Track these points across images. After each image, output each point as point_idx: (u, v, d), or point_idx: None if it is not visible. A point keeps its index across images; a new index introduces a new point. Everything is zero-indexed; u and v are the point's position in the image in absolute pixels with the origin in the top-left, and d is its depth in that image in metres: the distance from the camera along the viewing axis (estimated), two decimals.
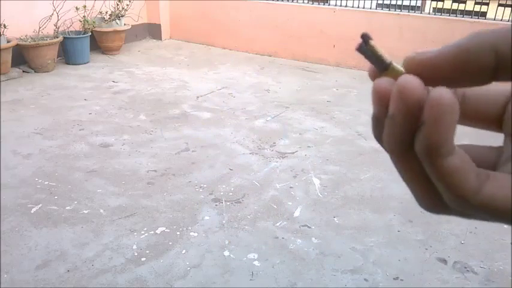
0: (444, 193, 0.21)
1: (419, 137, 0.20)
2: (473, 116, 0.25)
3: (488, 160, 0.24)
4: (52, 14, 4.76)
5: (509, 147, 0.24)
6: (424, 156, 0.20)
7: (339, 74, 5.04)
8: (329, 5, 5.45)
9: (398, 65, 0.23)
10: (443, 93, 0.19)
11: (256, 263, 1.97)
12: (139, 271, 1.89)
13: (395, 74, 0.22)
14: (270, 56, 5.70)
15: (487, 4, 4.62)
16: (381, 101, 0.21)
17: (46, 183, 2.57)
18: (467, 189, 0.20)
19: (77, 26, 5.14)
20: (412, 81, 0.20)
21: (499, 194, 0.20)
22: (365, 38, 0.22)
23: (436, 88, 0.19)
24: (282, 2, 5.54)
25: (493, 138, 0.28)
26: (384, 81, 0.21)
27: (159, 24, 6.28)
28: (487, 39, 0.20)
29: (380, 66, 0.23)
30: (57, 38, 4.74)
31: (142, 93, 4.19)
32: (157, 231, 2.16)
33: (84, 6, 5.06)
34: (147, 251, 2.01)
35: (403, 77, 0.20)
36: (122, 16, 5.44)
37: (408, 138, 0.21)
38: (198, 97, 4.11)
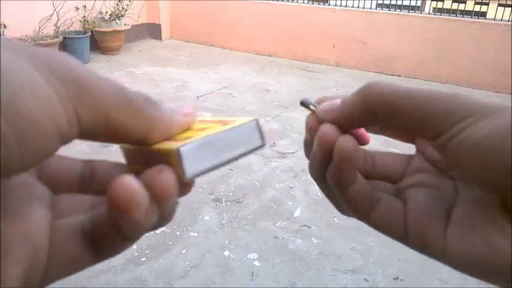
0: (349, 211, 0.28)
1: (329, 172, 0.26)
2: (378, 176, 0.30)
3: (398, 167, 0.30)
4: (52, 14, 4.76)
5: (416, 161, 0.30)
6: (332, 186, 0.27)
7: (339, 74, 5.05)
8: (329, 5, 5.45)
9: None
10: (345, 142, 0.25)
11: (256, 263, 1.97)
12: (139, 271, 1.89)
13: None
14: (270, 56, 5.70)
15: (487, 4, 4.63)
16: (311, 134, 0.28)
17: None
18: (361, 213, 0.27)
19: (77, 26, 5.14)
20: (327, 131, 0.26)
21: (381, 219, 0.27)
22: (304, 105, 0.29)
23: (341, 137, 0.25)
24: (282, 2, 5.54)
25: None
26: (328, 127, 0.26)
27: (159, 24, 6.28)
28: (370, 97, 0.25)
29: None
30: (57, 38, 4.74)
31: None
32: (157, 231, 2.16)
33: (84, 6, 5.06)
34: (147, 251, 2.01)
35: (322, 126, 0.26)
36: (122, 16, 5.44)
37: (323, 171, 0.27)
38: (198, 97, 4.11)
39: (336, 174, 0.26)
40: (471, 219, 0.23)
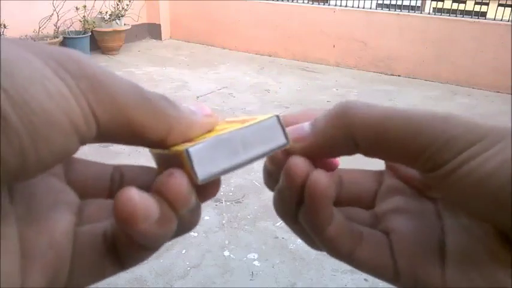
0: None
1: (302, 212, 0.23)
2: (346, 199, 0.26)
3: (369, 186, 0.27)
4: (52, 14, 4.76)
5: (387, 179, 0.26)
6: (306, 227, 0.23)
7: (339, 74, 5.04)
8: (329, 5, 5.45)
9: None
10: (318, 180, 0.21)
11: (256, 262, 1.97)
12: (139, 271, 1.89)
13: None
14: (270, 56, 5.70)
15: (487, 4, 4.63)
16: (276, 167, 0.24)
17: None
18: (342, 254, 0.23)
19: (77, 26, 5.14)
20: (297, 166, 0.22)
21: (366, 259, 0.23)
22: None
23: (314, 172, 0.21)
24: (282, 2, 5.54)
25: None
26: (298, 161, 0.23)
27: (159, 24, 6.28)
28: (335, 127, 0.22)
29: None
30: (57, 38, 4.74)
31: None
32: None
33: (84, 6, 5.06)
34: None
35: (291, 159, 0.22)
36: (122, 16, 5.44)
37: (294, 210, 0.23)
38: (198, 97, 4.11)
39: (311, 215, 0.22)
40: (469, 253, 0.21)
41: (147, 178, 0.22)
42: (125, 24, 5.51)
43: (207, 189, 0.22)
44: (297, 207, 0.23)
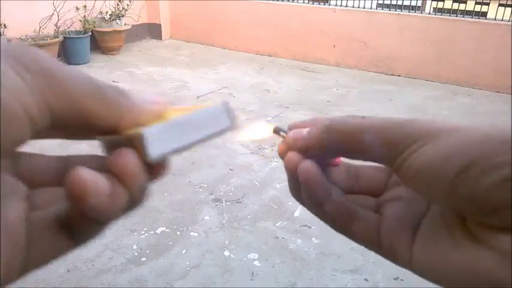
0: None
1: (302, 192, 0.30)
2: (362, 188, 0.32)
3: (380, 180, 0.31)
4: (52, 13, 4.76)
5: (396, 176, 0.30)
6: (307, 205, 0.31)
7: (339, 74, 5.04)
8: (329, 5, 5.45)
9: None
10: (304, 167, 0.28)
11: (256, 263, 1.97)
12: (140, 271, 1.89)
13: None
14: (270, 56, 5.70)
15: (488, 4, 4.63)
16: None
17: None
18: (339, 227, 0.29)
19: (77, 26, 5.14)
20: (290, 158, 0.28)
21: (358, 233, 0.29)
22: (276, 132, 0.32)
23: (303, 161, 0.28)
24: (282, 2, 5.54)
25: None
26: (291, 155, 0.29)
27: (159, 24, 6.28)
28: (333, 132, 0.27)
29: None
30: (58, 38, 4.74)
31: (142, 93, 4.18)
32: (158, 231, 2.16)
33: (85, 6, 5.06)
34: (147, 251, 2.01)
35: (288, 153, 0.29)
36: (122, 16, 5.44)
37: (298, 191, 0.30)
38: (198, 97, 4.11)
39: (306, 193, 0.29)
40: (434, 232, 0.25)
41: (97, 164, 0.24)
42: (125, 24, 5.51)
43: (156, 168, 0.25)
44: (299, 189, 0.29)
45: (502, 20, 4.51)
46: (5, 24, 4.29)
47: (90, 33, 5.13)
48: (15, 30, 4.48)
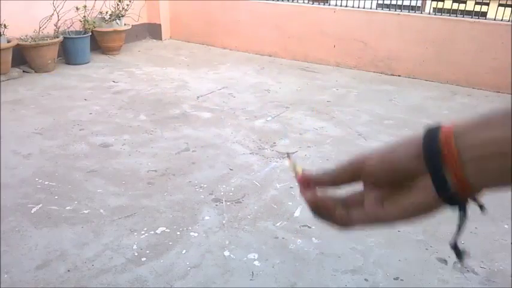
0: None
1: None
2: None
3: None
4: (52, 14, 4.76)
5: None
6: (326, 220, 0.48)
7: (339, 74, 5.04)
8: (329, 5, 5.45)
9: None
10: (307, 197, 0.46)
11: (256, 263, 1.97)
12: (140, 271, 1.89)
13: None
14: (270, 56, 5.70)
15: (487, 4, 4.62)
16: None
17: (46, 183, 2.57)
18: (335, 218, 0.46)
19: (77, 26, 5.14)
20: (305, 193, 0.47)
21: (358, 215, 0.44)
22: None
23: (308, 192, 0.46)
24: (282, 2, 5.54)
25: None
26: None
27: (159, 24, 6.28)
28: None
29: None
30: (58, 38, 4.74)
31: (142, 93, 4.19)
32: (158, 231, 2.16)
33: (85, 6, 5.07)
34: (147, 251, 2.01)
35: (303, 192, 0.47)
36: (122, 16, 5.44)
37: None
38: (198, 97, 4.11)
39: (320, 215, 0.47)
40: (388, 195, 0.42)
41: None
42: (125, 24, 5.51)
43: None
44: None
45: (502, 20, 4.51)
46: (5, 25, 4.29)
47: (90, 33, 5.13)
48: (15, 30, 4.48)
